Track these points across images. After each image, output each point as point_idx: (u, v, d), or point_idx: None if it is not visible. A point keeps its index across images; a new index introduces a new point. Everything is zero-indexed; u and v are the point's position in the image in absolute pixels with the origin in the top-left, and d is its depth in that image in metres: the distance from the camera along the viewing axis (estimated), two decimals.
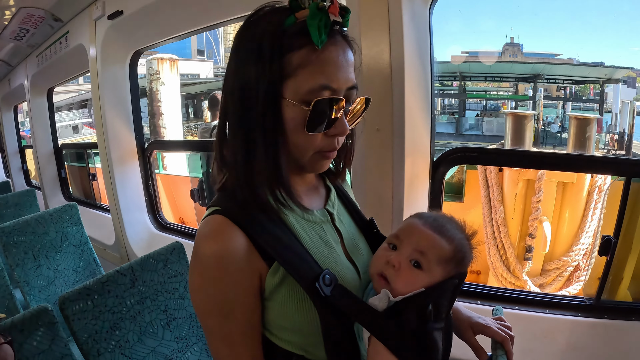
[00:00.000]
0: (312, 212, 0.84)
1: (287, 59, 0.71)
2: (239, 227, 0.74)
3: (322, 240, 0.82)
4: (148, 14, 2.32)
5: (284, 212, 0.79)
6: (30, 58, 4.02)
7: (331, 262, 0.80)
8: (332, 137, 0.77)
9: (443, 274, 0.78)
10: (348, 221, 0.93)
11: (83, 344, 1.30)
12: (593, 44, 40.28)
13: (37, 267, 2.33)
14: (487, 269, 3.39)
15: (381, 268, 0.79)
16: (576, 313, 1.56)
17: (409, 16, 1.42)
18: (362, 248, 0.91)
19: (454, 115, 24.16)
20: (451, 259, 0.79)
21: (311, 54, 0.71)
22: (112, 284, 1.41)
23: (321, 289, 0.72)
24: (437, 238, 0.80)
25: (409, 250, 0.79)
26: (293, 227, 0.79)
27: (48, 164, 4.53)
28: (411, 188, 1.56)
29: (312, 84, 0.71)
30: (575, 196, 3.10)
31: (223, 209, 0.76)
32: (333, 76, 0.72)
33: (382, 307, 0.73)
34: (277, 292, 0.75)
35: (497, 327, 0.89)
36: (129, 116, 2.91)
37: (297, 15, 0.71)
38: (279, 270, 0.74)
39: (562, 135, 19.51)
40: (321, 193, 0.92)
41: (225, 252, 0.72)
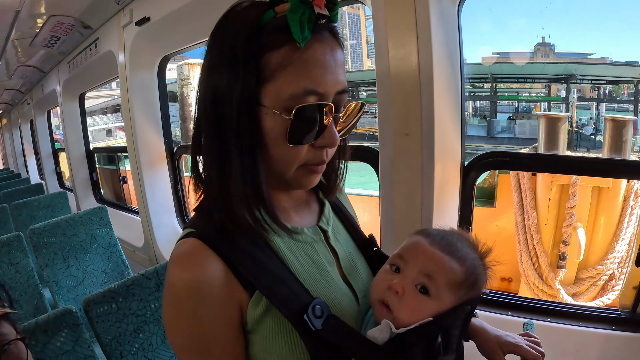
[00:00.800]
0: (301, 231, 0.74)
1: (264, 59, 0.61)
2: (215, 252, 0.64)
3: (313, 263, 0.72)
4: (174, 20, 2.35)
5: (268, 233, 0.69)
6: (62, 64, 4.15)
7: (324, 288, 0.70)
8: (320, 149, 0.67)
9: (453, 300, 0.70)
10: (345, 239, 0.83)
11: (106, 345, 1.32)
12: (626, 42, 38.94)
13: (66, 268, 2.40)
14: (518, 276, 3.29)
15: (382, 294, 0.70)
16: (610, 326, 1.46)
17: (437, 16, 1.37)
18: (361, 269, 0.81)
19: (486, 118, 23.79)
20: (463, 282, 0.71)
21: (292, 53, 0.61)
22: (137, 287, 1.42)
23: (310, 321, 0.63)
24: (446, 259, 0.71)
25: (415, 273, 0.70)
26: (279, 250, 0.69)
27: (80, 167, 4.66)
28: (441, 194, 1.51)
29: (294, 89, 0.61)
30: (611, 202, 2.98)
31: (198, 231, 0.67)
32: (319, 79, 0.62)
33: (383, 340, 0.65)
34: (261, 324, 0.65)
35: (527, 345, 0.81)
36: (157, 121, 2.96)
37: (276, 9, 0.61)
38: (262, 301, 0.65)
39: (596, 138, 18.93)
40: (313, 209, 0.82)
41: (198, 282, 0.62)
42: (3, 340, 1.01)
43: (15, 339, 1.03)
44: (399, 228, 1.53)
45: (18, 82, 5.34)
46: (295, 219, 0.76)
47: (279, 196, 0.74)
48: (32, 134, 6.85)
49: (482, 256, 0.76)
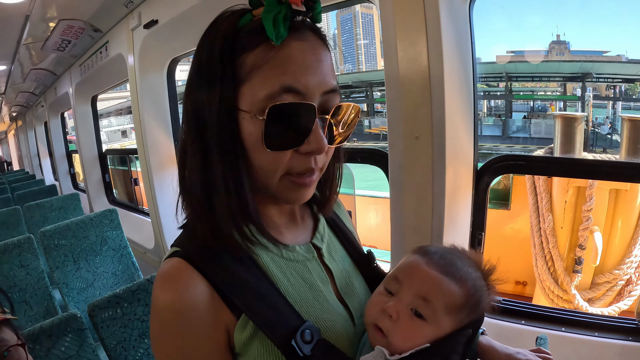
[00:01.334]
0: (293, 249, 0.70)
1: (239, 61, 0.58)
2: (199, 273, 0.61)
3: (305, 283, 0.69)
4: (182, 23, 2.34)
5: (256, 251, 0.66)
6: (74, 67, 4.20)
7: (316, 310, 0.67)
8: (306, 156, 0.61)
9: (452, 325, 0.65)
10: (341, 256, 0.80)
11: (111, 350, 1.32)
12: None
13: (76, 270, 2.42)
14: (533, 280, 3.23)
15: (376, 318, 0.66)
16: (627, 337, 1.40)
17: (447, 14, 1.32)
18: (358, 287, 0.77)
19: (501, 118, 23.58)
20: (463, 306, 0.66)
21: (268, 52, 0.57)
22: (142, 292, 1.41)
23: (299, 347, 0.60)
24: (444, 281, 0.66)
25: (410, 296, 0.65)
26: (268, 269, 0.66)
27: (93, 168, 4.71)
28: (453, 199, 1.46)
29: (270, 88, 0.57)
30: (629, 204, 2.90)
31: (183, 250, 0.64)
32: (298, 76, 0.58)
33: None
34: (248, 348, 0.62)
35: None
36: (167, 123, 2.96)
37: (254, 12, 0.60)
38: (249, 324, 0.62)
39: (613, 138, 18.61)
40: (307, 225, 0.78)
41: (183, 304, 0.60)
42: (3, 345, 1.01)
43: (15, 345, 1.03)
44: (410, 234, 1.48)
45: (32, 85, 5.42)
46: (287, 236, 0.72)
47: (269, 211, 0.71)
48: (46, 136, 6.94)
49: (486, 275, 0.72)
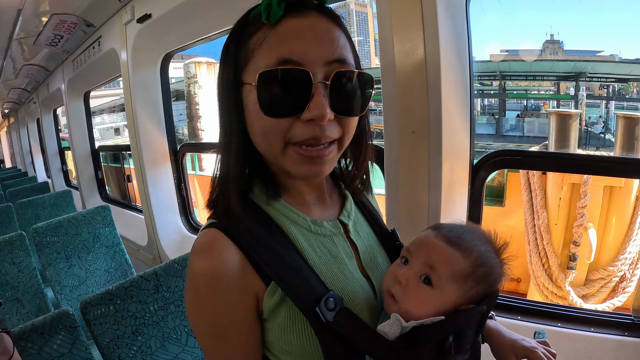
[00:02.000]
0: (321, 224, 0.75)
1: (246, 46, 0.65)
2: (234, 243, 0.66)
3: (331, 256, 0.73)
4: (176, 17, 2.32)
5: (286, 224, 0.71)
6: (66, 63, 4.16)
7: (341, 281, 0.71)
8: (310, 124, 0.63)
9: (458, 293, 0.69)
10: (367, 233, 0.84)
11: (104, 348, 1.30)
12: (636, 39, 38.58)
13: (69, 267, 2.39)
14: (528, 277, 3.27)
15: (389, 284, 0.71)
16: (622, 332, 1.42)
17: (445, 9, 1.31)
18: (381, 263, 0.81)
19: (494, 116, 23.71)
20: (468, 275, 0.69)
21: (268, 31, 0.62)
22: (135, 289, 1.39)
23: (322, 314, 0.63)
24: (449, 250, 0.70)
25: (419, 264, 0.70)
26: (297, 242, 0.71)
27: (85, 165, 4.68)
28: (449, 194, 1.46)
29: (268, 60, 0.61)
30: (623, 201, 2.94)
31: (219, 221, 0.69)
32: (296, 48, 0.61)
33: (394, 335, 0.64)
34: (276, 313, 0.67)
35: (542, 353, 0.77)
36: (160, 119, 2.94)
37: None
38: (277, 291, 0.66)
39: (606, 136, 18.77)
40: (335, 202, 0.82)
41: (217, 270, 0.65)
42: None
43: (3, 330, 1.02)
44: (405, 229, 1.48)
45: (24, 81, 5.37)
46: (315, 211, 0.77)
47: (300, 188, 0.76)
48: (38, 133, 6.89)
49: (498, 250, 0.75)
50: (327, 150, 0.66)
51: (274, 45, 0.61)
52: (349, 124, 0.68)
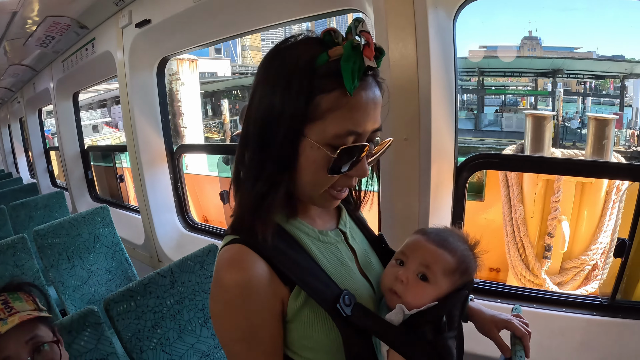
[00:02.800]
0: (326, 234, 0.86)
1: (316, 100, 0.70)
2: (258, 255, 0.74)
3: (338, 260, 0.84)
4: (176, 23, 2.39)
5: (300, 236, 0.81)
6: (56, 63, 4.14)
7: (348, 281, 0.82)
8: (350, 177, 0.78)
9: (449, 285, 0.84)
10: (360, 238, 0.96)
11: (127, 342, 1.39)
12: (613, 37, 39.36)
13: (71, 268, 2.44)
14: (506, 267, 3.39)
15: (391, 284, 0.83)
16: (591, 312, 1.60)
17: (435, 28, 1.46)
18: (374, 263, 0.93)
19: (473, 111, 23.87)
20: (455, 270, 0.84)
21: (341, 99, 0.70)
22: (153, 285, 1.49)
23: (342, 309, 0.74)
24: (440, 252, 0.84)
25: (415, 265, 0.83)
26: (310, 250, 0.81)
27: (75, 165, 4.67)
28: (436, 195, 1.61)
29: (339, 130, 0.70)
30: (594, 196, 3.09)
31: (242, 237, 0.77)
32: (361, 121, 0.71)
33: (398, 321, 0.77)
34: (300, 314, 0.76)
35: (517, 323, 0.93)
36: (157, 120, 3.00)
37: (330, 53, 0.70)
38: (301, 294, 0.75)
39: (582, 132, 19.16)
40: (332, 213, 0.94)
41: (248, 281, 0.72)
42: (37, 342, 1.08)
43: (50, 342, 1.10)
44: (398, 226, 1.64)
45: (9, 81, 5.28)
46: (319, 223, 0.88)
47: (307, 205, 0.85)
48: (22, 133, 6.79)
49: (472, 247, 0.90)
50: (347, 190, 0.82)
51: (346, 117, 0.70)
52: None
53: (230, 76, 31.22)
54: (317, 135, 0.71)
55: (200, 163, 5.73)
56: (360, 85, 0.70)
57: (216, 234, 3.03)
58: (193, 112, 6.68)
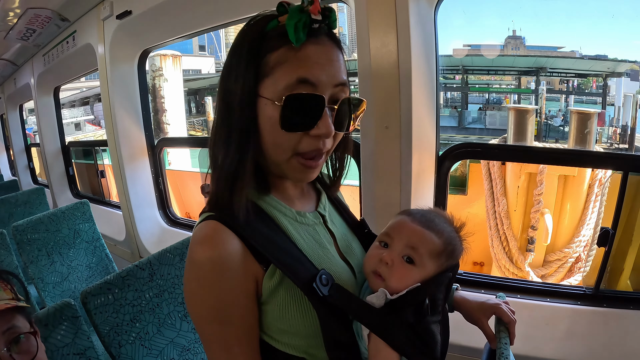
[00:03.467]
0: (304, 215, 0.84)
1: (265, 59, 0.71)
2: (233, 232, 0.73)
3: (315, 242, 0.82)
4: (157, 14, 2.36)
5: (277, 215, 0.80)
6: (37, 57, 4.06)
7: (326, 263, 0.80)
8: (316, 139, 0.73)
9: (435, 268, 0.81)
10: (340, 222, 0.94)
11: (105, 336, 1.35)
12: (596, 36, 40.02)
13: (51, 264, 2.39)
14: (490, 260, 3.44)
15: (375, 266, 0.80)
16: (576, 302, 1.61)
17: (416, 17, 1.46)
18: (356, 248, 0.91)
19: (457, 109, 24.13)
20: (442, 252, 0.81)
21: (289, 52, 0.70)
22: (131, 278, 1.45)
23: (319, 289, 0.72)
24: (426, 233, 0.82)
25: (401, 246, 0.80)
26: (287, 230, 0.79)
27: (56, 162, 4.58)
28: (417, 183, 1.61)
29: (288, 79, 0.69)
30: (576, 189, 3.15)
31: (216, 214, 0.75)
32: (312, 71, 0.70)
33: (380, 304, 0.74)
34: (275, 295, 0.74)
35: (506, 308, 0.91)
36: (138, 114, 2.96)
37: (280, 19, 0.71)
38: (276, 273, 0.74)
39: (565, 129, 19.46)
40: (312, 196, 0.92)
41: (220, 257, 0.71)
42: (14, 332, 1.04)
43: (27, 332, 1.06)
44: (380, 215, 1.64)
45: None
46: (298, 204, 0.86)
47: (285, 185, 0.84)
48: (2, 129, 6.64)
49: (457, 230, 0.88)
50: (320, 160, 0.78)
51: (294, 67, 0.69)
52: (338, 138, 0.79)
53: (214, 73, 30.95)
54: (270, 91, 0.71)
55: (184, 159, 5.68)
56: (309, 40, 0.70)
57: None
58: (176, 109, 6.63)
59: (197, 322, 0.76)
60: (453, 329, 0.88)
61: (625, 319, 1.52)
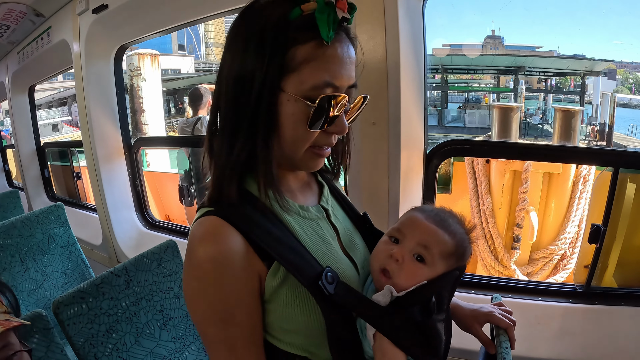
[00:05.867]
0: (307, 209, 0.82)
1: (291, 52, 0.68)
2: (234, 228, 0.70)
3: (319, 237, 0.80)
4: (134, 8, 2.28)
5: (279, 210, 0.76)
6: (11, 55, 3.91)
7: (330, 259, 0.78)
8: (330, 134, 0.75)
9: (445, 269, 0.78)
10: (342, 216, 0.91)
11: (79, 348, 1.27)
12: (574, 36, 40.99)
13: (24, 271, 2.27)
14: (475, 259, 3.43)
15: (384, 262, 0.78)
16: (568, 300, 1.60)
17: (404, 10, 1.42)
18: (358, 243, 0.89)
19: (437, 108, 24.42)
20: (453, 253, 0.79)
21: (317, 49, 0.68)
22: (106, 286, 1.37)
23: (325, 287, 0.70)
24: (440, 232, 0.79)
25: (413, 244, 0.78)
26: (290, 225, 0.76)
27: (31, 163, 4.43)
28: (406, 180, 1.57)
29: (316, 80, 0.68)
30: (561, 186, 3.16)
31: (216, 209, 0.73)
32: (337, 73, 0.70)
33: (385, 303, 0.72)
34: (278, 293, 0.72)
35: (500, 314, 0.89)
36: (114, 113, 2.86)
37: (302, 7, 0.68)
38: (279, 271, 0.71)
39: (544, 127, 19.86)
40: (314, 189, 0.90)
41: (223, 255, 0.69)
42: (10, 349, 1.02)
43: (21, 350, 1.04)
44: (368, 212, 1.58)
45: None
46: (300, 198, 0.84)
47: (288, 177, 0.83)
48: None
49: (468, 231, 0.85)
50: (329, 149, 0.78)
51: (322, 67, 0.69)
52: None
53: (194, 73, 30.72)
54: (294, 88, 0.69)
55: (163, 160, 5.57)
56: (334, 38, 0.69)
57: (178, 232, 2.89)
58: (155, 109, 6.48)
59: (199, 324, 0.73)
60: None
61: (617, 315, 1.51)
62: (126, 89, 6.40)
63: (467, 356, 1.36)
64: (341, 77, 0.71)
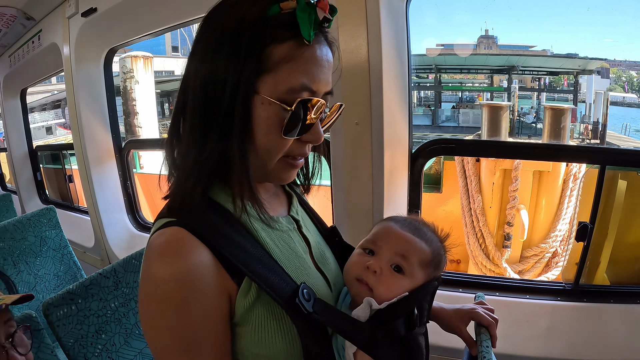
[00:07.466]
0: (277, 220, 0.76)
1: (268, 51, 0.62)
2: (200, 240, 0.62)
3: (291, 250, 0.74)
4: (123, 11, 2.29)
5: (249, 220, 0.70)
6: (2, 58, 3.91)
7: (303, 274, 0.72)
8: (304, 143, 0.69)
9: (424, 277, 0.77)
10: (312, 229, 0.87)
11: (69, 349, 1.27)
12: (567, 35, 41.12)
13: (17, 274, 2.27)
14: (467, 257, 3.46)
15: (360, 274, 0.74)
16: (556, 297, 1.61)
17: (387, 11, 1.43)
18: (329, 257, 0.85)
19: (430, 108, 24.43)
20: (431, 262, 0.78)
21: (296, 50, 0.63)
22: (95, 287, 1.38)
23: (302, 305, 0.63)
24: (417, 241, 0.78)
25: (390, 254, 0.76)
26: (260, 237, 0.70)
27: (23, 167, 4.41)
28: (391, 181, 1.58)
29: (293, 82, 0.63)
30: (551, 184, 3.19)
31: (178, 218, 0.65)
32: (315, 76, 0.65)
33: (365, 317, 0.69)
34: (250, 314, 0.65)
35: (483, 312, 0.88)
36: (105, 115, 2.86)
37: (282, 5, 0.62)
38: (251, 289, 0.64)
39: (537, 126, 19.90)
40: (282, 199, 0.85)
41: (187, 272, 0.60)
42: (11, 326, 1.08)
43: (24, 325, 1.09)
44: (352, 214, 1.60)
45: None
46: (269, 209, 0.76)
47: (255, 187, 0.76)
48: None
49: (442, 240, 0.84)
50: (302, 160, 0.73)
51: (300, 69, 0.64)
52: None
53: None
54: (269, 90, 0.63)
55: (157, 162, 5.56)
56: (314, 39, 0.64)
57: None
58: (148, 111, 6.47)
59: (157, 354, 0.64)
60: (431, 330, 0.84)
61: (605, 313, 1.52)
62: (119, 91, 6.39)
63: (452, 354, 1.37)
64: (319, 80, 0.66)
